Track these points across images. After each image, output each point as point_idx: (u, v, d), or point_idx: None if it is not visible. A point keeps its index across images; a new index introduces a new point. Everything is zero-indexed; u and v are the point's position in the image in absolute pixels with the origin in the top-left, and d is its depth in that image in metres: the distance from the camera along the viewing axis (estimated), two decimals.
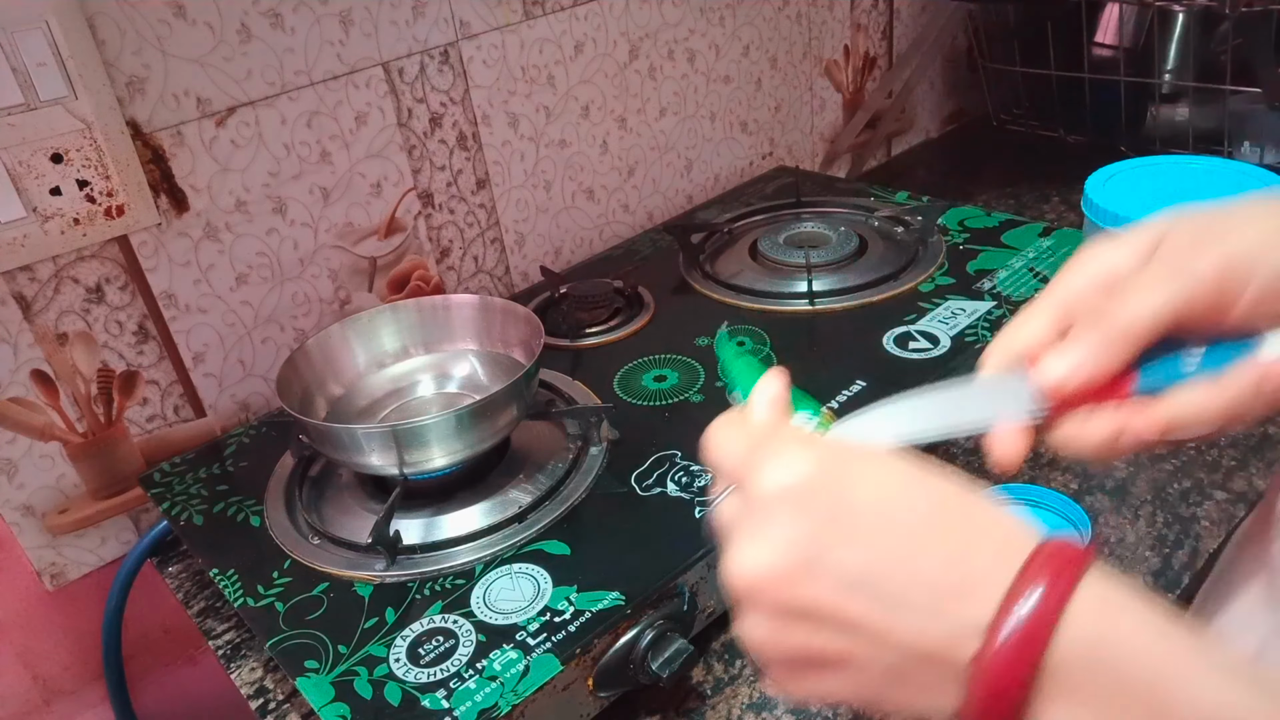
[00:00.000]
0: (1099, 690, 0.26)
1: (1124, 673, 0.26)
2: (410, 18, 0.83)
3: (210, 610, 0.71)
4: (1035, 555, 0.27)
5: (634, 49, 1.01)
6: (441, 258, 0.93)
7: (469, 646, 0.55)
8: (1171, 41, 1.08)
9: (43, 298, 0.70)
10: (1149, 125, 1.13)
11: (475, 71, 0.89)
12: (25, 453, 0.72)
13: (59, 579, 0.77)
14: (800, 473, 0.28)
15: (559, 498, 0.66)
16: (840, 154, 1.34)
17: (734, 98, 1.14)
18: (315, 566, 0.63)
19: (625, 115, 1.03)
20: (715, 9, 1.08)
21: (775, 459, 0.29)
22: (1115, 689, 0.25)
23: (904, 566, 0.27)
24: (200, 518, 0.70)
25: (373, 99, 0.83)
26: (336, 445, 0.65)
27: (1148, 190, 0.71)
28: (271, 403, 0.85)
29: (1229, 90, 1.02)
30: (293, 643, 0.57)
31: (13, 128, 0.65)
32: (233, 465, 0.75)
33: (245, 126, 0.76)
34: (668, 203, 1.12)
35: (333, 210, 0.84)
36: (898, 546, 0.27)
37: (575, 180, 1.02)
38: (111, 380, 0.75)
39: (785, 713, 0.57)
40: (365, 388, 0.76)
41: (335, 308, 0.87)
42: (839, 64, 1.27)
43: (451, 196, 0.92)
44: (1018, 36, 1.20)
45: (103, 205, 0.70)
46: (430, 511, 0.66)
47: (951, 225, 0.95)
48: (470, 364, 0.78)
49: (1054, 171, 1.24)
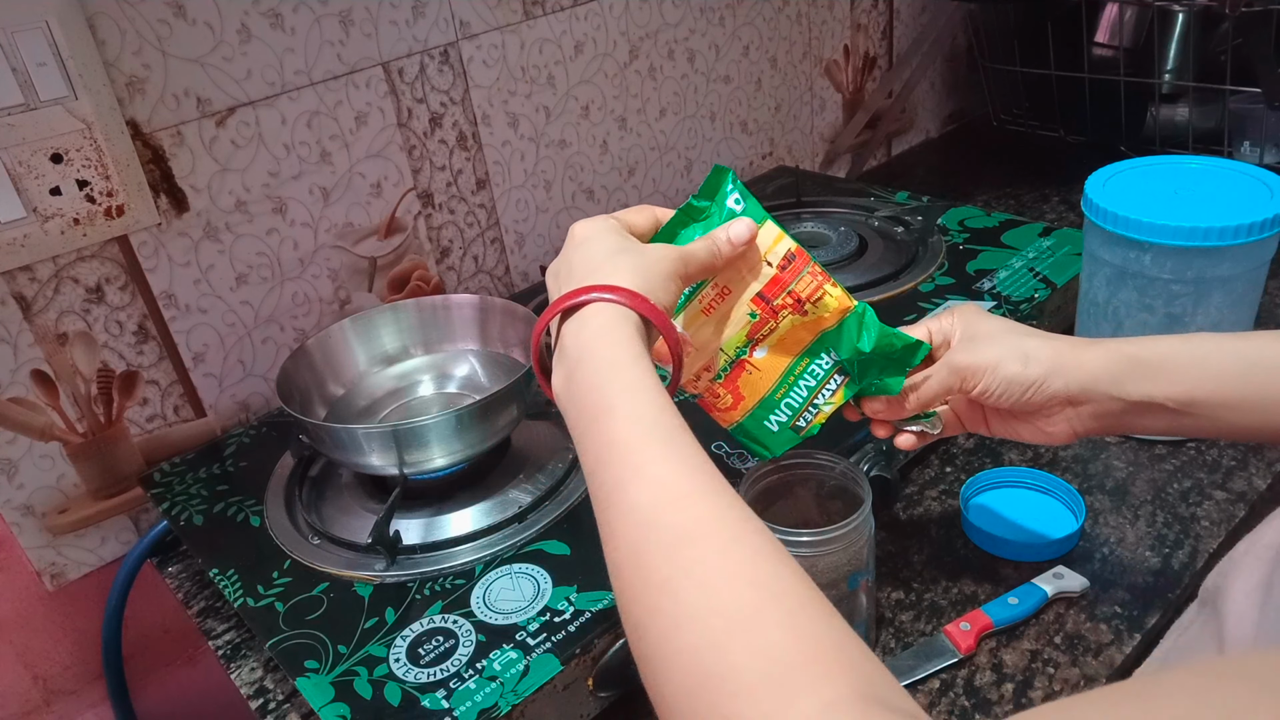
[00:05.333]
0: (571, 362, 0.44)
1: (586, 361, 0.43)
2: (410, 18, 0.83)
3: (210, 610, 0.71)
4: (611, 287, 0.45)
5: (634, 49, 1.01)
6: (441, 258, 0.93)
7: (469, 646, 0.55)
8: (1171, 41, 1.08)
9: (43, 298, 0.70)
10: (1149, 125, 1.13)
11: (475, 71, 0.89)
12: (25, 453, 0.72)
13: (59, 579, 0.77)
14: (575, 232, 0.50)
15: (559, 498, 0.66)
16: (840, 154, 1.34)
17: (734, 98, 1.14)
18: (315, 566, 0.63)
19: (625, 115, 1.03)
20: (715, 9, 1.08)
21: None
22: (580, 365, 0.43)
23: (576, 270, 0.47)
24: (200, 518, 0.70)
25: (373, 99, 0.83)
26: (336, 445, 0.65)
27: (1148, 190, 0.71)
28: (271, 403, 0.85)
29: (1229, 90, 1.02)
30: (293, 643, 0.57)
31: (13, 128, 0.65)
32: (233, 465, 0.75)
33: (245, 126, 0.76)
34: (668, 203, 1.12)
35: (333, 210, 0.84)
36: (578, 265, 0.47)
37: (575, 180, 1.02)
38: (111, 380, 0.75)
39: None
40: (365, 388, 0.76)
41: (335, 308, 0.87)
42: (839, 64, 1.27)
43: (451, 196, 0.92)
44: (1018, 36, 1.20)
45: (103, 205, 0.70)
46: (430, 511, 0.66)
47: (951, 225, 0.95)
48: (470, 364, 0.78)
49: (1054, 171, 1.24)
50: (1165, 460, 0.73)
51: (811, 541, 0.53)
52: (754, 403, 0.55)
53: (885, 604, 0.63)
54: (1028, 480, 0.71)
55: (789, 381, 0.54)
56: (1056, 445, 0.66)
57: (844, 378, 0.54)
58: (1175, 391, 0.49)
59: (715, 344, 0.54)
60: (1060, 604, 0.62)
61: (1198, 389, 0.49)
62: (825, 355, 0.54)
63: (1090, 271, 0.74)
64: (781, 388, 0.55)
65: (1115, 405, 0.51)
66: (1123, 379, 0.50)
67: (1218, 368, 0.49)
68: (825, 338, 0.54)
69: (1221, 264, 0.66)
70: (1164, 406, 0.50)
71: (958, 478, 0.73)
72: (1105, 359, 0.51)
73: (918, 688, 0.58)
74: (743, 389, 0.55)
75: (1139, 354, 0.50)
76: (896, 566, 0.66)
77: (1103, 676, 0.57)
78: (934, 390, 0.54)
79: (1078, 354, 0.51)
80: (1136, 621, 0.60)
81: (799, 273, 0.52)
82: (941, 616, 0.62)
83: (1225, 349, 0.49)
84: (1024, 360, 0.51)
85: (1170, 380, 0.49)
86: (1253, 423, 0.49)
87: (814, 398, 0.55)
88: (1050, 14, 1.14)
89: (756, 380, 0.54)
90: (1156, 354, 0.50)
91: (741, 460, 0.66)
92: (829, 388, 0.55)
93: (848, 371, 0.54)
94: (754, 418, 0.55)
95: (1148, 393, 0.50)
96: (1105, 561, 0.65)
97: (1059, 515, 0.69)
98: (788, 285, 0.52)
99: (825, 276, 0.53)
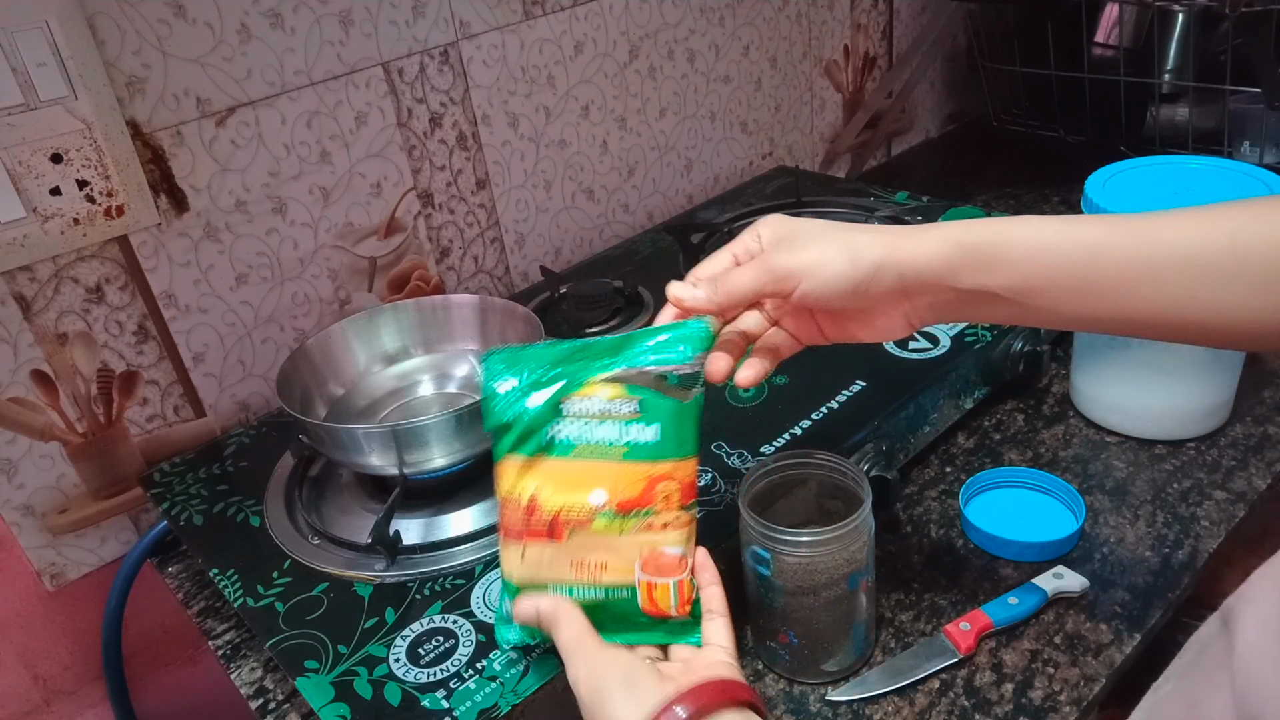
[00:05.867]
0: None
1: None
2: (410, 18, 0.83)
3: (210, 610, 0.71)
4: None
5: (634, 49, 1.01)
6: (441, 258, 0.93)
7: (469, 646, 0.55)
8: (1171, 41, 1.08)
9: (43, 298, 0.70)
10: (1149, 125, 1.13)
11: (475, 71, 0.89)
12: (25, 453, 0.72)
13: (59, 579, 0.77)
14: None
15: None
16: (840, 154, 1.34)
17: (734, 98, 1.14)
18: (315, 566, 0.63)
19: (625, 115, 1.03)
20: (715, 9, 1.08)
21: None
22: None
23: None
24: (200, 518, 0.70)
25: (373, 99, 0.83)
26: (336, 445, 0.65)
27: (1147, 190, 0.71)
28: (271, 403, 0.85)
29: (1229, 90, 1.02)
30: (293, 643, 0.57)
31: (13, 128, 0.65)
32: (233, 465, 0.75)
33: (245, 126, 0.76)
34: (668, 203, 1.12)
35: (333, 210, 0.84)
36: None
37: (575, 180, 1.02)
38: (111, 380, 0.75)
39: (784, 713, 0.57)
40: (365, 388, 0.76)
41: (335, 308, 0.87)
42: (839, 64, 1.27)
43: (451, 196, 0.92)
44: (1018, 36, 1.20)
45: (103, 205, 0.70)
46: (430, 511, 0.66)
47: None
48: (470, 364, 0.78)
49: (1054, 171, 1.24)
50: (1165, 460, 0.73)
51: (811, 541, 0.53)
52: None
53: (885, 604, 0.63)
54: (1028, 480, 0.71)
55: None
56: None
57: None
58: (1012, 280, 0.47)
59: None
60: (1060, 604, 0.62)
61: (1034, 276, 0.47)
62: None
63: None
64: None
65: (950, 295, 0.48)
66: (958, 269, 0.47)
67: (1057, 255, 0.46)
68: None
69: None
70: (999, 295, 0.47)
71: (958, 478, 0.73)
72: (938, 247, 0.47)
73: (918, 687, 0.58)
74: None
75: (973, 241, 0.47)
76: (896, 566, 0.66)
77: (1103, 676, 0.57)
78: (745, 286, 0.49)
79: (908, 243, 0.48)
80: (1136, 621, 0.60)
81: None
82: (941, 616, 0.62)
83: (1066, 234, 0.47)
84: (850, 257, 0.47)
85: (1008, 269, 0.47)
86: (1094, 311, 0.47)
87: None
88: (1050, 14, 1.14)
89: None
90: (990, 240, 0.47)
91: (741, 460, 0.66)
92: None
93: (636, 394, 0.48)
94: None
95: (981, 283, 0.47)
96: (1105, 561, 0.65)
97: (1059, 515, 0.69)
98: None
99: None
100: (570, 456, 0.48)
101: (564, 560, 0.48)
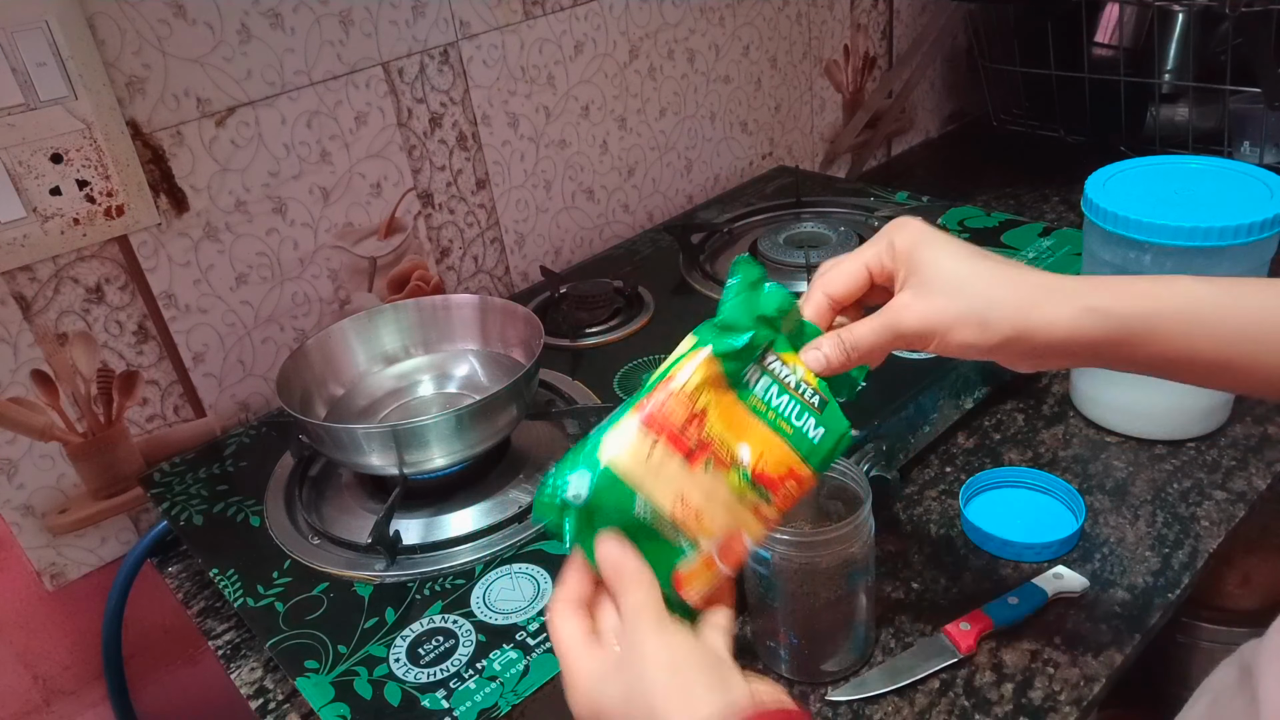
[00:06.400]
0: None
1: None
2: (410, 18, 0.83)
3: (210, 610, 0.71)
4: None
5: (634, 49, 1.01)
6: (441, 258, 0.93)
7: (469, 646, 0.55)
8: (1171, 41, 1.08)
9: (43, 298, 0.70)
10: (1149, 125, 1.13)
11: (475, 71, 0.89)
12: (25, 453, 0.72)
13: (59, 579, 0.77)
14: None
15: None
16: (840, 154, 1.34)
17: (734, 98, 1.14)
18: (315, 566, 0.63)
19: (625, 115, 1.03)
20: (715, 9, 1.08)
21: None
22: None
23: None
24: (200, 518, 0.70)
25: (373, 99, 0.83)
26: (336, 445, 0.65)
27: (1148, 190, 0.71)
28: (271, 403, 0.85)
29: (1229, 90, 1.02)
30: (293, 643, 0.57)
31: (13, 128, 0.65)
32: (233, 465, 0.75)
33: (245, 126, 0.76)
34: (668, 203, 1.12)
35: (333, 210, 0.84)
36: None
37: (575, 180, 1.02)
38: (111, 380, 0.75)
39: None
40: (365, 388, 0.76)
41: (335, 308, 0.87)
42: (839, 64, 1.27)
43: (451, 196, 0.92)
44: (1017, 36, 1.20)
45: (103, 205, 0.70)
46: (430, 511, 0.66)
47: (951, 225, 0.95)
48: (470, 364, 0.78)
49: (1054, 171, 1.24)
50: (1165, 460, 0.73)
51: (811, 541, 0.53)
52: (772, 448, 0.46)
53: (885, 604, 0.63)
54: (1028, 480, 0.71)
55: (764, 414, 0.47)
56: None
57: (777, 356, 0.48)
58: (1158, 364, 0.44)
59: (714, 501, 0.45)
60: (1060, 604, 0.62)
61: (1184, 355, 0.43)
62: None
63: (1090, 271, 0.74)
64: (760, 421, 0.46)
65: (1089, 361, 0.46)
66: (1099, 347, 0.44)
67: (1212, 327, 0.43)
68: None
69: (1221, 264, 0.66)
70: (1147, 368, 0.45)
71: (958, 478, 0.73)
72: (1077, 321, 0.44)
73: (918, 688, 0.58)
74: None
75: (1121, 314, 0.44)
76: (896, 566, 0.66)
77: (1103, 676, 0.57)
78: (869, 343, 0.48)
79: (1044, 314, 0.44)
80: (1136, 621, 0.60)
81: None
82: (941, 616, 0.62)
83: (1222, 305, 0.43)
84: (980, 324, 0.45)
85: (1156, 348, 0.43)
86: (1246, 385, 0.44)
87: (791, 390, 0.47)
88: (1050, 14, 1.14)
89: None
90: (1138, 313, 0.43)
91: None
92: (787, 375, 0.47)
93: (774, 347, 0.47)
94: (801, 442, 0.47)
95: (1126, 361, 0.45)
96: (1105, 561, 0.65)
97: (1059, 515, 0.69)
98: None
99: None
100: (747, 403, 0.46)
101: (678, 485, 0.44)
